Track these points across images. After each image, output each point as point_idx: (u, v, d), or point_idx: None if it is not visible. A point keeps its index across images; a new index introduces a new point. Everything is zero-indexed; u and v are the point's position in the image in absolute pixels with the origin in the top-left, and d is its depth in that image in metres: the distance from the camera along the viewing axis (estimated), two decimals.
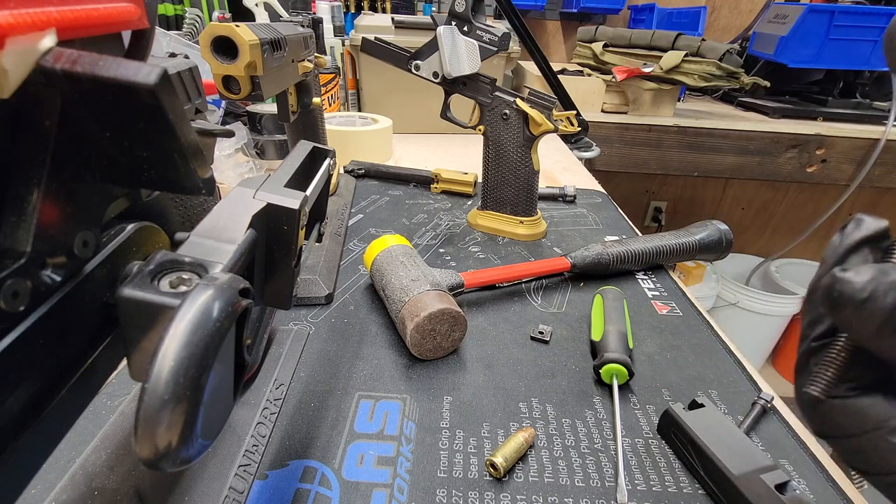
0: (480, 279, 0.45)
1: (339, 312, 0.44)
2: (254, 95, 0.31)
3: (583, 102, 1.18)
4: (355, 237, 0.58)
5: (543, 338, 0.42)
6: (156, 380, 0.11)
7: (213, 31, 0.29)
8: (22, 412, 0.12)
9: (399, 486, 0.29)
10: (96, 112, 0.12)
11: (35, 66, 0.11)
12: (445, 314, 0.36)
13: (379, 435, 0.32)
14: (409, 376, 0.37)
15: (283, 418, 0.32)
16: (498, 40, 0.51)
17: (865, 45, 1.21)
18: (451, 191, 0.73)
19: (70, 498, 0.24)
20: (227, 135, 0.22)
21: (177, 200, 0.20)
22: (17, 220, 0.12)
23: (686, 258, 0.53)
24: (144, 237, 0.17)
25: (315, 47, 0.46)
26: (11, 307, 0.12)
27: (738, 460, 0.28)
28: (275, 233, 0.18)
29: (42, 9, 0.11)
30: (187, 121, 0.13)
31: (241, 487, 0.27)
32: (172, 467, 0.11)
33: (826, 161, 1.26)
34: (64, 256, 0.13)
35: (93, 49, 0.13)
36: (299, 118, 0.51)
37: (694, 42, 1.12)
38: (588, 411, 0.35)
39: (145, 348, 0.13)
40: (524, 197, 0.58)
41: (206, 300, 0.12)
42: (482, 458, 0.31)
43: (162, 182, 0.14)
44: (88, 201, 0.14)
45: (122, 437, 0.27)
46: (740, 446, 0.29)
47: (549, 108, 0.52)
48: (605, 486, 0.29)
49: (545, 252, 0.57)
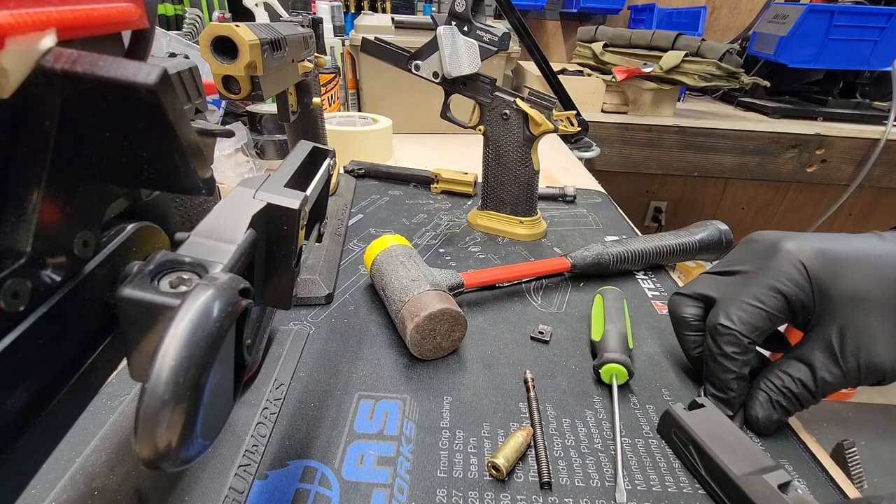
0: (480, 279, 0.45)
1: (339, 312, 0.44)
2: (254, 95, 0.31)
3: (583, 102, 1.18)
4: (355, 237, 0.58)
5: (543, 338, 0.42)
6: (156, 380, 0.11)
7: (213, 31, 0.29)
8: (22, 412, 0.12)
9: (399, 486, 0.29)
10: (96, 112, 0.12)
11: (35, 66, 0.11)
12: (445, 314, 0.36)
13: (379, 435, 0.32)
14: (409, 376, 0.37)
15: (283, 418, 0.32)
16: (498, 40, 0.51)
17: (865, 45, 1.20)
18: (451, 191, 0.73)
19: (70, 498, 0.24)
20: (227, 135, 0.22)
21: (177, 200, 0.20)
22: (17, 220, 0.12)
23: (686, 258, 0.53)
24: (144, 237, 0.17)
25: (315, 47, 0.46)
26: (11, 307, 0.12)
27: (740, 460, 0.28)
28: (275, 233, 0.18)
29: (42, 9, 0.11)
30: (187, 121, 0.13)
31: (241, 487, 0.27)
32: (172, 467, 0.11)
33: (826, 161, 1.26)
34: (64, 256, 0.13)
35: (93, 49, 0.13)
36: (299, 118, 0.51)
37: (694, 42, 1.12)
38: (588, 411, 0.35)
39: (145, 348, 0.13)
40: (524, 197, 0.58)
41: (206, 300, 0.12)
42: (482, 458, 0.31)
43: (162, 182, 0.14)
44: (88, 201, 0.14)
45: (122, 437, 0.27)
46: (741, 446, 0.29)
47: (549, 108, 0.52)
48: (605, 486, 0.29)
49: (545, 252, 0.57)
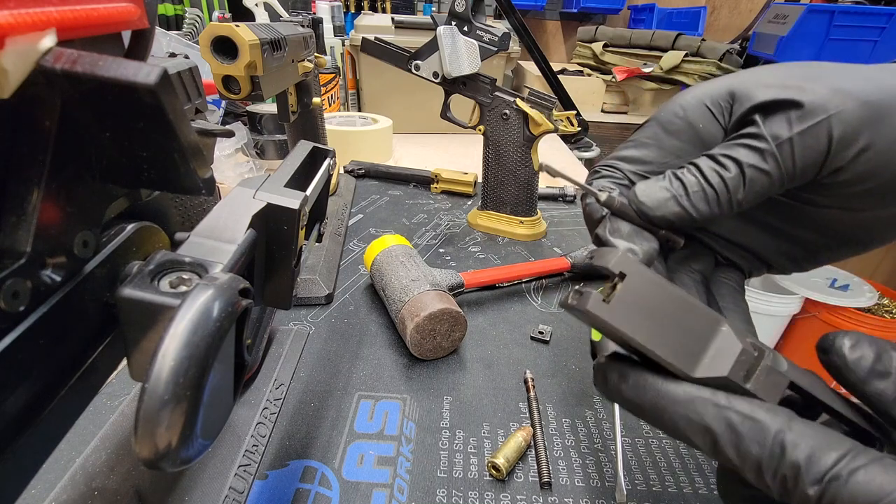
0: (480, 279, 0.45)
1: (339, 312, 0.44)
2: (254, 95, 0.31)
3: (583, 102, 1.18)
4: (355, 237, 0.58)
5: (543, 338, 0.42)
6: (156, 380, 0.11)
7: (213, 31, 0.29)
8: (22, 412, 0.12)
9: (399, 486, 0.29)
10: (96, 112, 0.12)
11: (35, 66, 0.11)
12: (445, 314, 0.36)
13: (379, 435, 0.32)
14: (409, 376, 0.37)
15: (283, 418, 0.32)
16: (498, 40, 0.51)
17: (865, 45, 1.21)
18: (451, 191, 0.73)
19: (70, 498, 0.24)
20: (227, 135, 0.22)
21: (177, 200, 0.20)
22: (17, 220, 0.12)
23: None
24: (144, 237, 0.17)
25: (315, 47, 0.46)
26: (11, 307, 0.12)
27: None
28: (275, 233, 0.18)
29: (42, 9, 0.11)
30: (187, 121, 0.13)
31: (241, 487, 0.27)
32: (172, 467, 0.11)
33: None
34: (64, 256, 0.13)
35: (93, 49, 0.13)
36: (299, 118, 0.51)
37: (694, 42, 1.12)
38: (588, 411, 0.35)
39: (145, 348, 0.13)
40: (524, 197, 0.58)
41: (206, 300, 0.12)
42: (482, 457, 0.31)
43: (162, 182, 0.14)
44: (88, 201, 0.14)
45: (122, 437, 0.27)
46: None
47: (549, 108, 0.52)
48: (605, 486, 0.29)
49: (545, 252, 0.57)
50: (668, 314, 0.18)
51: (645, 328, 0.17)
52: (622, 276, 0.17)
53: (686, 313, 0.18)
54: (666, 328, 0.17)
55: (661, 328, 0.17)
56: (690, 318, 0.18)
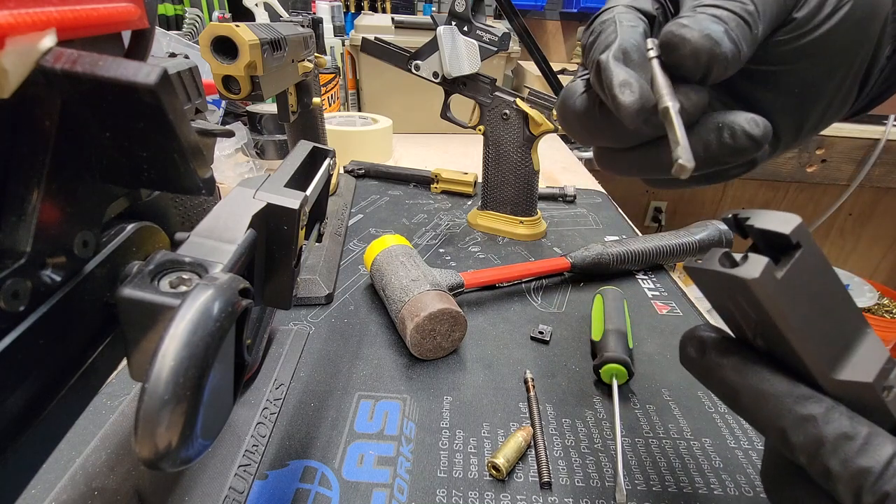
0: (480, 279, 0.45)
1: (339, 312, 0.44)
2: (254, 95, 0.31)
3: None
4: (355, 237, 0.58)
5: (543, 338, 0.42)
6: (156, 380, 0.11)
7: (213, 31, 0.29)
8: (22, 412, 0.12)
9: (399, 486, 0.29)
10: (96, 112, 0.12)
11: (35, 66, 0.11)
12: (445, 314, 0.36)
13: (379, 435, 0.32)
14: (409, 376, 0.37)
15: (283, 418, 0.32)
16: (498, 40, 0.51)
17: None
18: (451, 191, 0.73)
19: (70, 498, 0.24)
20: (227, 135, 0.22)
21: (177, 200, 0.20)
22: (17, 220, 0.12)
23: (686, 258, 0.53)
24: (144, 237, 0.17)
25: (315, 47, 0.46)
26: (11, 307, 0.12)
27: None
28: (275, 233, 0.18)
29: (42, 9, 0.11)
30: (187, 121, 0.13)
31: (241, 487, 0.27)
32: (172, 467, 0.11)
33: (826, 161, 1.26)
34: (64, 256, 0.13)
35: (93, 49, 0.13)
36: (299, 118, 0.51)
37: None
38: (588, 411, 0.35)
39: (145, 348, 0.13)
40: (524, 197, 0.58)
41: (206, 300, 0.12)
42: (482, 457, 0.31)
43: (162, 182, 0.14)
44: (88, 201, 0.14)
45: (122, 437, 0.27)
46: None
47: (549, 108, 0.52)
48: (605, 486, 0.29)
49: (545, 252, 0.57)
50: (825, 304, 0.15)
51: (800, 314, 0.14)
52: (797, 246, 0.14)
53: (840, 306, 0.15)
54: (818, 318, 0.15)
55: (814, 317, 0.15)
56: (843, 312, 0.15)
